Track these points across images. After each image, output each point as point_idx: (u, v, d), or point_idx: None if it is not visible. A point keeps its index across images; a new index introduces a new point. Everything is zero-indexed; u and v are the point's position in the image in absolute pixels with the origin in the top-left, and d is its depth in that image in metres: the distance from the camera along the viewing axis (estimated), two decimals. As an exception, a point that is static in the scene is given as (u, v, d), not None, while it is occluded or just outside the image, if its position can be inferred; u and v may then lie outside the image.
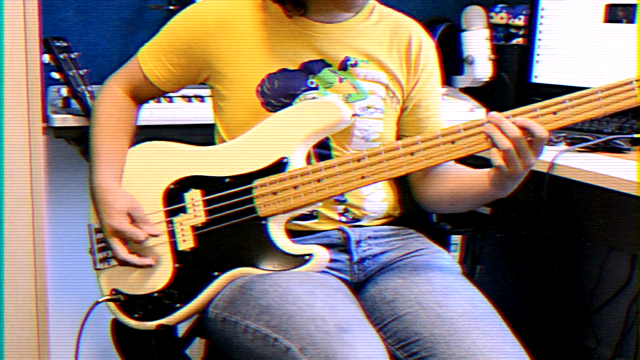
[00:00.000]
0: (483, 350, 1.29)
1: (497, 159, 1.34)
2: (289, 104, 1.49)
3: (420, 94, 1.59)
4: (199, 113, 2.08)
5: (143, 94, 1.60)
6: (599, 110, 1.34)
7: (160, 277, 1.50)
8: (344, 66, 1.53)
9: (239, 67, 1.51)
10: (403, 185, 1.64)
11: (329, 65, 1.52)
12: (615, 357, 2.48)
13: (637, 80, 1.32)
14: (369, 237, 1.55)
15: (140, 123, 1.63)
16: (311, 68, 1.51)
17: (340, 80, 1.52)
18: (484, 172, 1.45)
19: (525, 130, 1.32)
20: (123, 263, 1.49)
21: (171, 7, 2.34)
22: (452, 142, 1.38)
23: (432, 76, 1.61)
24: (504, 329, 1.36)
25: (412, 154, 1.40)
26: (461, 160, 1.47)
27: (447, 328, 1.34)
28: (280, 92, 1.49)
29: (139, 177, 1.54)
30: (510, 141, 1.32)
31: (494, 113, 1.35)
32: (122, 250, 1.48)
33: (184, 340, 1.65)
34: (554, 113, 1.35)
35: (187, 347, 1.65)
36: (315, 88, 1.51)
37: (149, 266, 1.49)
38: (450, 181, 1.53)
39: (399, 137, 1.60)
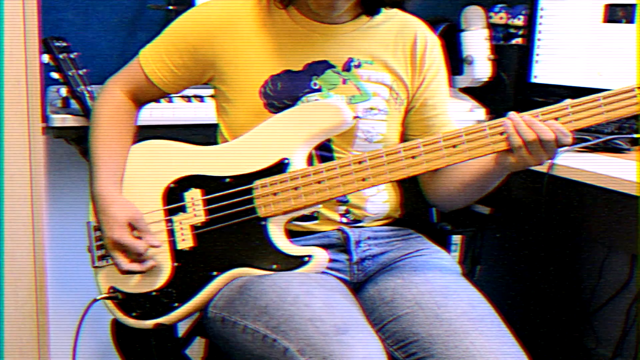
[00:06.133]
0: (481, 351, 1.29)
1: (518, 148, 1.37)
2: (292, 106, 1.49)
3: (426, 93, 1.59)
4: (199, 113, 2.07)
5: (144, 96, 1.59)
6: (601, 117, 1.35)
7: (159, 276, 1.50)
8: (347, 67, 1.52)
9: (242, 68, 1.51)
10: (406, 187, 1.64)
11: (333, 67, 1.52)
12: (615, 357, 2.48)
13: (638, 88, 1.33)
14: (369, 238, 1.55)
15: (139, 123, 1.62)
16: (315, 69, 1.51)
17: (344, 82, 1.52)
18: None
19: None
20: (125, 273, 1.49)
21: (171, 7, 2.34)
22: (454, 146, 1.38)
23: (438, 74, 1.61)
24: (503, 329, 1.36)
25: (413, 157, 1.40)
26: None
27: (446, 328, 1.34)
28: (283, 93, 1.49)
29: (139, 176, 1.54)
30: (536, 134, 1.35)
31: (522, 114, 1.38)
32: (123, 262, 1.48)
33: (184, 340, 1.64)
34: (556, 119, 1.36)
35: (187, 347, 1.64)
36: (319, 90, 1.50)
37: (151, 268, 1.49)
38: (458, 170, 1.52)
39: (405, 137, 1.60)
